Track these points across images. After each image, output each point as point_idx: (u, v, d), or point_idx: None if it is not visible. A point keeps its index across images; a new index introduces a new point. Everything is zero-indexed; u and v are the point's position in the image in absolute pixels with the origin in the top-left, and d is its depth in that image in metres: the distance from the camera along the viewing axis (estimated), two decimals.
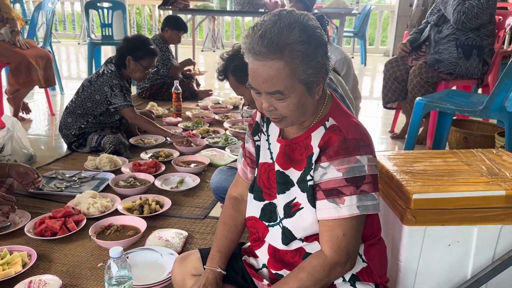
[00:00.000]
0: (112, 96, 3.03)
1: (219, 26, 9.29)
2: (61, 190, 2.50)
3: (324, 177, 1.16)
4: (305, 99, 1.14)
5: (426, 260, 1.51)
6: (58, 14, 9.60)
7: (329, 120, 1.20)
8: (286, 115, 1.14)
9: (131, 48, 3.06)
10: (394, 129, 3.87)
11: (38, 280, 1.66)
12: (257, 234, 1.33)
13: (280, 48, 1.05)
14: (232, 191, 1.47)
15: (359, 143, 1.15)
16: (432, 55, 3.29)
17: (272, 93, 1.10)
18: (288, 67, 1.07)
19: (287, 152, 1.25)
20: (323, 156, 1.16)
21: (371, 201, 1.15)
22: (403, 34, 5.55)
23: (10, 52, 3.62)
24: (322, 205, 1.16)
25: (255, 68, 1.10)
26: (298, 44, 1.06)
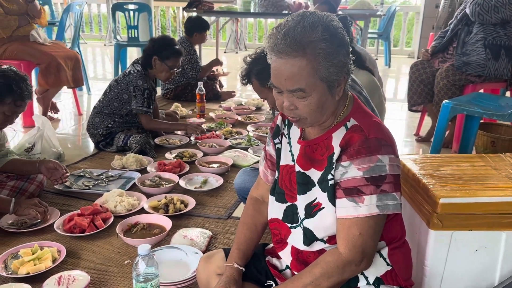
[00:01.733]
0: (132, 96, 3.09)
1: (242, 27, 9.33)
2: (89, 188, 2.56)
3: (344, 176, 1.16)
4: (326, 99, 1.15)
5: (452, 265, 1.50)
6: (85, 15, 9.80)
7: (350, 120, 1.21)
8: (306, 114, 1.15)
9: (157, 48, 3.12)
10: (419, 132, 3.82)
11: (67, 275, 1.70)
12: (279, 235, 1.34)
13: (303, 46, 1.07)
14: (253, 192, 1.50)
15: (380, 142, 1.14)
16: (459, 56, 3.24)
17: (294, 91, 1.11)
18: (311, 65, 1.08)
19: (307, 152, 1.26)
20: (344, 155, 1.16)
21: (391, 201, 1.15)
22: (429, 36, 5.48)
23: (40, 53, 3.73)
24: (341, 204, 1.17)
25: (277, 67, 1.11)
26: (320, 42, 1.08)
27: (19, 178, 2.32)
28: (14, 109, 2.08)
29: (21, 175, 2.34)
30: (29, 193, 2.34)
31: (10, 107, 2.05)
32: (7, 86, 2.01)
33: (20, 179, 2.32)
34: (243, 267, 1.34)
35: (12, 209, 2.06)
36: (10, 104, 2.05)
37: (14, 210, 2.06)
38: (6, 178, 2.29)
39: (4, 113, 2.05)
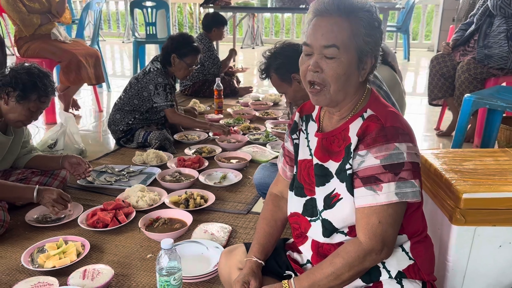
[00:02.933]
0: (155, 94, 3.13)
1: (258, 23, 9.31)
2: (111, 184, 2.60)
3: (361, 165, 1.16)
4: (352, 71, 1.17)
5: (475, 261, 1.48)
6: (103, 13, 9.92)
7: (367, 111, 1.22)
8: (330, 79, 1.16)
9: (176, 46, 3.14)
10: (440, 126, 3.77)
11: (92, 269, 1.74)
12: (299, 229, 1.35)
13: (349, 10, 1.14)
14: (273, 188, 1.52)
15: (397, 131, 1.15)
16: (481, 49, 3.17)
17: (328, 46, 1.14)
18: (351, 28, 1.14)
19: (325, 145, 1.27)
20: (361, 145, 1.17)
21: (410, 188, 1.14)
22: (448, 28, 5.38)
23: (61, 51, 3.79)
24: (359, 193, 1.17)
25: (317, 24, 1.16)
26: (365, 12, 1.15)
27: (43, 174, 2.37)
28: (39, 105, 2.14)
29: (45, 170, 2.39)
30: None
31: (35, 103, 2.11)
32: (32, 83, 2.07)
33: (44, 175, 2.37)
34: (263, 261, 1.35)
35: (36, 196, 2.07)
36: (35, 101, 2.10)
37: (38, 198, 2.08)
38: (31, 174, 2.35)
39: (30, 109, 2.11)
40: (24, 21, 3.74)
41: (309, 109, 1.39)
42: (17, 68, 2.10)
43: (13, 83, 2.06)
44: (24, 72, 2.08)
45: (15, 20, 3.79)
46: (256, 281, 1.28)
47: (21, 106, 2.09)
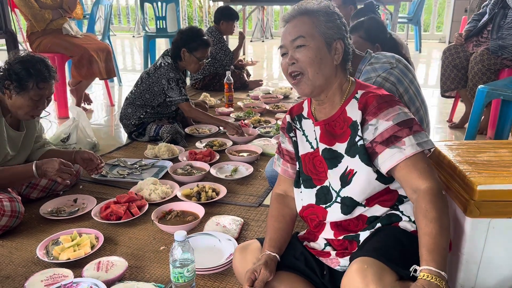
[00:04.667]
0: (169, 89, 3.13)
1: (268, 16, 9.28)
2: (123, 177, 2.62)
3: (377, 132, 1.26)
4: (324, 55, 1.30)
5: (490, 253, 1.47)
6: (114, 8, 9.95)
7: (358, 92, 1.35)
8: (306, 65, 1.29)
9: (185, 40, 3.14)
10: (452, 118, 3.73)
11: (106, 261, 1.75)
12: (317, 219, 1.39)
13: (306, 10, 1.33)
14: (276, 189, 1.59)
15: (392, 97, 1.30)
16: (495, 40, 3.13)
17: (295, 39, 1.30)
18: (311, 20, 1.31)
19: (328, 130, 1.37)
20: (368, 116, 1.28)
21: (426, 138, 1.25)
22: (461, 19, 5.31)
23: (73, 46, 3.82)
24: (385, 156, 1.25)
25: (286, 27, 1.34)
26: (321, 6, 1.34)
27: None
28: (39, 92, 2.05)
29: None
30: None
31: (35, 91, 2.03)
32: (25, 71, 2.01)
33: None
34: (277, 254, 1.37)
35: (36, 171, 2.06)
36: (34, 88, 2.03)
37: (39, 172, 2.07)
38: None
39: (32, 98, 2.04)
40: (36, 16, 3.77)
41: (298, 110, 1.51)
42: (10, 60, 2.06)
43: (7, 75, 2.02)
44: (17, 62, 2.03)
45: (27, 16, 3.82)
46: (266, 271, 1.29)
47: (22, 97, 2.03)
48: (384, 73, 1.92)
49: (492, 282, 1.50)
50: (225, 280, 1.69)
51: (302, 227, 1.99)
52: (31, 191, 2.30)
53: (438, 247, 1.13)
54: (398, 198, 1.33)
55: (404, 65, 2.01)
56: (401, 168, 1.23)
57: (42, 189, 2.32)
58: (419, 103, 2.01)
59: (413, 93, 1.99)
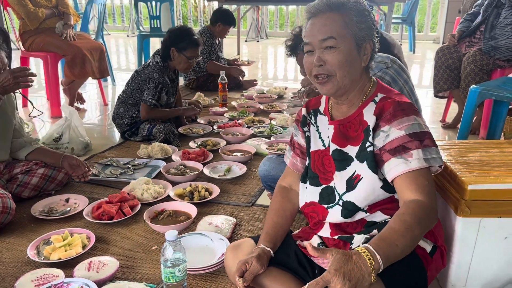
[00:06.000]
0: (146, 88, 3.13)
1: (263, 15, 9.27)
2: (116, 177, 2.61)
3: (387, 139, 1.24)
4: (353, 57, 1.26)
5: (480, 252, 1.48)
6: (108, 7, 9.91)
7: (377, 95, 1.31)
8: (335, 68, 1.25)
9: (174, 39, 3.12)
10: (445, 118, 3.74)
11: (97, 261, 1.74)
12: (317, 218, 1.38)
13: (337, 5, 1.25)
14: (282, 181, 1.57)
15: (411, 106, 1.26)
16: (487, 40, 3.14)
17: (325, 39, 1.24)
18: (343, 19, 1.24)
19: (342, 131, 1.34)
20: (381, 122, 1.25)
21: (435, 154, 1.22)
22: (454, 20, 5.33)
23: (66, 45, 3.79)
24: (391, 164, 1.22)
25: (313, 23, 1.27)
26: (353, 3, 1.26)
27: (47, 166, 2.36)
28: None
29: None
30: (58, 180, 2.39)
31: None
32: None
33: (48, 167, 2.36)
34: (271, 249, 1.36)
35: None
36: None
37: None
38: (35, 165, 2.34)
39: None
40: (29, 15, 3.74)
41: (315, 104, 1.47)
42: None
43: None
44: None
45: (20, 14, 3.79)
46: (258, 263, 1.28)
47: None
48: (379, 73, 1.93)
49: (483, 281, 1.51)
50: (217, 279, 1.69)
51: (295, 227, 1.99)
52: (22, 189, 2.28)
53: (391, 241, 1.09)
54: None
55: (398, 65, 2.02)
56: (402, 179, 1.20)
57: (34, 187, 2.30)
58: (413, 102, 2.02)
59: (408, 93, 1.99)
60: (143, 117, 3.21)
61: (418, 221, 1.13)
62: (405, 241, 1.10)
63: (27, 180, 2.29)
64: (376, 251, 1.06)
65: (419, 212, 1.15)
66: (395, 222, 1.14)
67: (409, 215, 1.14)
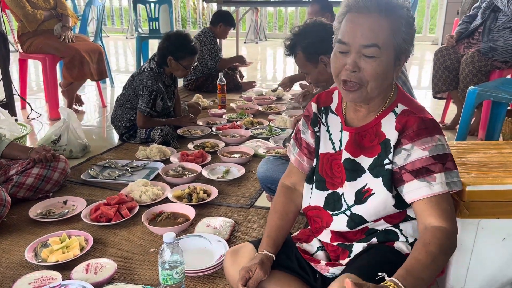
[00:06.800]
0: (140, 95, 3.13)
1: (261, 17, 9.28)
2: (114, 179, 2.61)
3: (409, 158, 1.17)
4: (389, 70, 1.16)
5: (479, 253, 1.47)
6: (107, 9, 9.91)
7: (398, 106, 1.22)
8: (369, 78, 1.14)
9: (172, 49, 3.09)
10: (444, 119, 3.74)
11: (95, 263, 1.74)
12: (320, 223, 1.34)
13: (389, 9, 1.11)
14: (285, 180, 1.48)
15: (435, 123, 1.18)
16: (485, 42, 3.15)
17: (368, 46, 1.11)
18: (391, 27, 1.11)
19: (357, 139, 1.26)
20: (404, 139, 1.17)
21: (456, 178, 1.17)
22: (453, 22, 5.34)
23: (64, 47, 3.79)
24: (412, 186, 1.17)
25: (355, 21, 1.13)
26: (404, 9, 1.13)
27: (42, 166, 2.33)
28: None
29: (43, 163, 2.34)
30: (54, 180, 2.37)
31: None
32: None
33: (43, 167, 2.33)
34: (273, 254, 1.33)
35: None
36: None
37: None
38: (30, 166, 2.31)
39: None
40: (28, 17, 3.74)
41: (326, 100, 1.36)
42: None
43: None
44: None
45: (19, 16, 3.79)
46: (261, 270, 1.25)
47: None
48: None
49: (482, 283, 1.51)
50: (215, 282, 1.68)
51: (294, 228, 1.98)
52: (18, 190, 2.27)
53: (418, 274, 1.05)
54: (404, 218, 1.27)
55: None
56: (424, 203, 1.15)
57: (29, 188, 2.29)
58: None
59: None
60: (140, 127, 3.21)
61: (444, 252, 1.11)
62: (430, 273, 1.08)
63: (22, 180, 2.28)
64: (404, 286, 1.02)
65: (445, 241, 1.11)
66: (421, 253, 1.10)
67: (435, 245, 1.10)
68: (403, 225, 1.26)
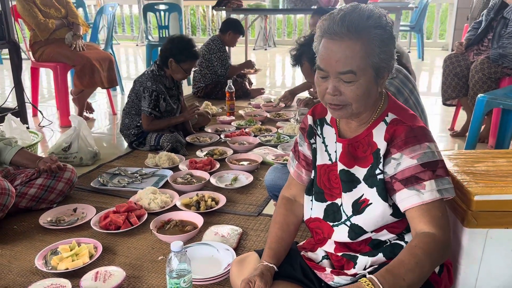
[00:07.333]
0: (142, 97, 3.17)
1: (271, 24, 9.32)
2: (123, 186, 2.63)
3: (398, 167, 1.18)
4: (372, 87, 1.16)
5: (488, 263, 1.46)
6: (117, 16, 10.03)
7: (388, 115, 1.23)
8: (351, 101, 1.16)
9: (174, 51, 3.14)
10: (454, 126, 3.72)
11: (104, 271, 1.75)
12: (322, 234, 1.34)
13: (359, 30, 1.11)
14: (285, 192, 1.51)
15: (424, 131, 1.18)
16: (495, 49, 3.13)
17: (344, 72, 1.13)
18: (364, 49, 1.11)
19: (350, 150, 1.27)
20: (392, 149, 1.18)
21: (448, 185, 1.17)
22: (463, 27, 5.32)
23: (75, 55, 3.85)
24: (402, 195, 1.18)
25: (329, 48, 1.14)
26: (376, 28, 1.12)
27: (46, 176, 2.35)
28: None
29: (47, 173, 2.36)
30: (58, 190, 2.37)
31: None
32: None
33: (47, 177, 2.35)
34: (274, 265, 1.34)
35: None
36: None
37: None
38: (34, 176, 2.33)
39: None
40: (40, 26, 3.81)
41: (321, 112, 1.39)
42: None
43: None
44: None
45: (31, 25, 3.86)
46: (261, 282, 1.26)
47: None
48: None
49: None
50: None
51: (301, 237, 1.98)
52: (20, 200, 2.27)
53: (398, 274, 1.07)
54: (407, 226, 1.26)
55: (404, 75, 2.01)
56: (415, 210, 1.16)
57: (31, 198, 2.30)
58: (419, 113, 2.01)
59: (413, 103, 1.99)
60: (145, 128, 3.24)
61: (430, 256, 1.10)
62: (413, 276, 1.08)
63: (25, 190, 2.28)
64: (381, 284, 1.05)
65: (432, 247, 1.11)
66: (406, 255, 1.11)
67: (421, 249, 1.10)
68: (408, 237, 1.26)
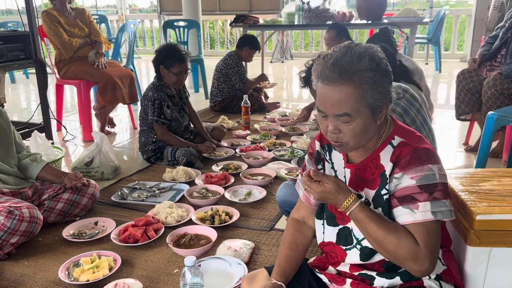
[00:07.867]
0: (147, 107, 3.31)
1: (287, 37, 9.41)
2: (142, 200, 2.73)
3: (398, 186, 1.23)
4: (369, 124, 1.22)
5: (491, 282, 1.49)
6: (138, 30, 10.26)
7: (395, 138, 1.28)
8: (349, 138, 1.22)
9: (161, 58, 3.29)
10: (468, 141, 3.72)
11: (122, 283, 1.84)
12: (336, 258, 1.39)
13: (350, 74, 1.15)
14: (294, 213, 1.55)
15: (429, 153, 1.22)
16: (508, 65, 3.14)
17: (340, 115, 1.19)
18: (357, 92, 1.16)
19: (359, 174, 1.32)
20: (396, 168, 1.23)
21: (444, 207, 1.20)
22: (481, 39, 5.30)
23: (98, 73, 4.01)
24: (398, 212, 1.23)
25: (324, 93, 1.19)
26: (367, 71, 1.16)
27: (71, 192, 2.47)
28: None
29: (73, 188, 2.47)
30: (82, 205, 2.49)
31: None
32: None
33: (72, 193, 2.46)
34: (283, 283, 1.38)
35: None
36: None
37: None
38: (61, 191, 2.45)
39: None
40: (64, 45, 3.98)
41: None
42: None
43: None
44: None
45: (56, 44, 4.04)
46: None
47: None
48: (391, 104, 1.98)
49: None
50: None
51: (312, 252, 2.03)
52: (49, 214, 2.39)
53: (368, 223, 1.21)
54: None
55: (410, 95, 2.06)
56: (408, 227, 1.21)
57: (59, 212, 2.42)
58: (426, 132, 2.06)
59: (420, 122, 2.03)
60: (159, 138, 3.37)
61: (395, 249, 1.19)
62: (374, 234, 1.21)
63: (53, 205, 2.41)
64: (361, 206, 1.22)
65: (405, 249, 1.18)
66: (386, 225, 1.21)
67: (396, 238, 1.18)
68: None
